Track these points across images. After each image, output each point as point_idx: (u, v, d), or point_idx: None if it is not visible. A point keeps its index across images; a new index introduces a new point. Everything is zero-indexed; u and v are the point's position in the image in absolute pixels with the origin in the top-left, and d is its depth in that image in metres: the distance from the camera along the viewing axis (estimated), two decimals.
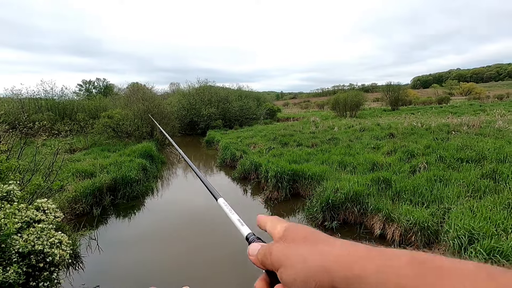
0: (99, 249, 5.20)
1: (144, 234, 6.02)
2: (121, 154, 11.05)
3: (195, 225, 6.40)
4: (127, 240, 5.77)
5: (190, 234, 5.91)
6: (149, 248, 5.40)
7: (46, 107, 20.12)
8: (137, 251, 5.28)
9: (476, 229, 3.70)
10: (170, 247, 5.40)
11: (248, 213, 6.94)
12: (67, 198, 6.33)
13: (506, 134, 9.56)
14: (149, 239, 5.76)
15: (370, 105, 46.71)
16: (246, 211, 7.10)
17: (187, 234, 5.91)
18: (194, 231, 6.07)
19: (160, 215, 6.98)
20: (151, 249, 5.33)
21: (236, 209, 0.69)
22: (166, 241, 5.67)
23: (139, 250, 5.34)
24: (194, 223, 6.49)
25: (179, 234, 5.92)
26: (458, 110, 28.29)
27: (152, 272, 4.56)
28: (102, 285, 4.24)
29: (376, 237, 5.07)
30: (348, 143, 10.93)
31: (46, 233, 2.74)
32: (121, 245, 5.52)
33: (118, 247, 5.44)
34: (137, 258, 5.01)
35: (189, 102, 25.07)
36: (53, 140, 7.74)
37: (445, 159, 7.43)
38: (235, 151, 11.55)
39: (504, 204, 4.53)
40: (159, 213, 7.10)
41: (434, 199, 5.28)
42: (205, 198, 8.39)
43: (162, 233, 6.04)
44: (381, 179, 6.33)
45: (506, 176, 5.73)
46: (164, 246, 5.43)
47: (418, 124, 14.24)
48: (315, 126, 17.64)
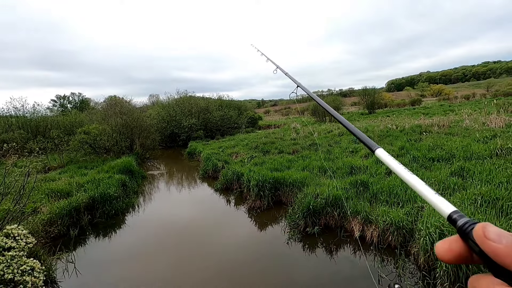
0: (77, 272, 5.00)
1: (125, 252, 5.85)
2: (99, 171, 10.73)
3: (179, 238, 6.29)
4: (107, 260, 5.59)
5: (174, 248, 5.80)
6: (131, 266, 5.25)
7: (17, 125, 19.24)
8: (119, 270, 5.12)
9: (445, 225, 3.91)
10: (154, 263, 5.28)
11: (232, 224, 6.93)
12: (41, 220, 6.05)
13: (472, 133, 10.16)
14: (131, 257, 5.60)
15: (348, 109, 48.11)
16: (231, 222, 7.08)
17: (171, 248, 5.80)
18: (178, 244, 5.97)
19: (141, 231, 6.82)
20: (133, 267, 5.19)
21: (219, 219, 0.69)
22: (150, 257, 5.54)
23: (120, 269, 5.19)
24: (177, 236, 6.38)
25: (163, 249, 5.80)
26: (430, 111, 29.70)
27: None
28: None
29: (355, 240, 5.21)
30: (327, 148, 11.20)
31: (17, 260, 2.63)
32: (101, 266, 5.33)
33: (98, 268, 5.25)
34: (119, 277, 4.86)
35: (169, 114, 24.79)
36: (25, 160, 7.42)
37: (418, 159, 7.79)
38: (217, 162, 11.52)
39: (471, 200, 4.80)
40: (140, 229, 6.93)
41: (408, 198, 5.52)
42: (188, 210, 8.29)
43: (145, 249, 5.89)
44: (358, 182, 6.54)
45: (473, 173, 6.09)
46: (148, 263, 5.30)
47: (393, 126, 14.83)
48: (296, 133, 17.93)
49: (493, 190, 4.84)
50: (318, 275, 4.50)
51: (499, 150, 7.16)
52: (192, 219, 7.57)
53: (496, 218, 4.10)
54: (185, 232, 6.70)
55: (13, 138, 15.63)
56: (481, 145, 7.95)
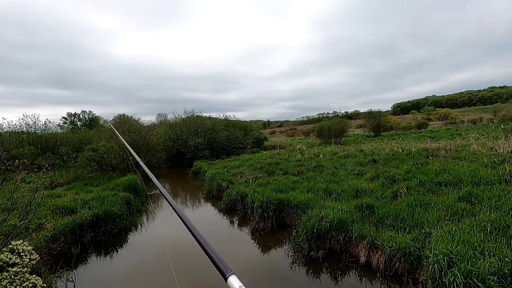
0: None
1: (125, 272, 5.76)
2: (104, 188, 10.79)
3: (180, 259, 6.19)
4: (107, 280, 5.50)
5: (174, 270, 5.69)
6: (131, 287, 5.15)
7: (27, 141, 19.68)
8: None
9: (454, 253, 3.81)
10: (153, 285, 5.18)
11: (235, 246, 6.81)
12: (45, 237, 6.05)
13: (480, 158, 10.04)
14: (131, 278, 5.51)
15: (354, 131, 48.18)
16: (233, 244, 6.96)
17: (172, 270, 5.69)
18: (179, 265, 5.86)
19: (143, 251, 6.73)
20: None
21: (222, 241, 0.71)
22: (149, 278, 5.44)
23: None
24: (179, 257, 6.28)
25: (163, 271, 5.70)
26: (436, 135, 29.59)
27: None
28: None
29: (361, 265, 5.06)
30: (333, 170, 11.14)
31: (20, 277, 2.64)
32: (100, 286, 5.24)
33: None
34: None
35: (175, 133, 25.13)
36: (33, 176, 7.54)
37: (425, 184, 7.68)
38: (222, 182, 11.51)
39: (480, 227, 4.69)
40: (142, 249, 6.85)
41: (415, 224, 5.40)
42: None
43: (145, 269, 5.79)
44: (364, 205, 6.44)
45: (481, 198, 5.97)
46: (147, 284, 5.20)
47: (399, 150, 14.76)
48: (301, 154, 17.92)
49: (503, 217, 4.73)
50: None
51: (508, 175, 7.04)
52: (194, 240, 7.46)
53: (507, 246, 3.98)
54: (187, 253, 6.58)
55: (23, 154, 15.94)
56: (489, 170, 7.83)
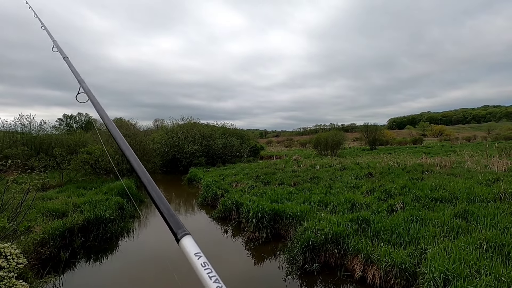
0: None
1: (115, 279, 5.61)
2: (97, 192, 10.63)
3: (174, 268, 6.05)
4: (96, 286, 5.34)
5: (165, 279, 5.56)
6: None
7: (21, 142, 19.43)
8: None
9: (450, 270, 3.77)
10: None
11: (228, 256, 6.69)
12: (34, 240, 5.89)
13: (474, 175, 10.12)
14: (121, 285, 5.36)
15: (350, 144, 48.41)
16: (226, 254, 6.84)
17: (162, 279, 5.55)
18: (169, 275, 5.72)
19: (133, 258, 6.58)
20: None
21: (216, 250, 0.63)
22: (140, 287, 5.30)
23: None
24: (173, 266, 6.14)
25: (153, 280, 5.56)
26: (431, 151, 29.84)
27: None
28: None
29: (356, 280, 4.99)
30: (329, 182, 11.12)
31: (6, 282, 2.54)
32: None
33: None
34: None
35: (172, 139, 25.05)
36: (25, 177, 7.41)
37: (421, 199, 7.68)
38: (217, 190, 11.41)
39: (476, 244, 4.67)
40: (133, 256, 6.70)
41: (411, 239, 5.36)
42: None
43: (135, 278, 5.65)
44: (360, 219, 6.40)
45: (477, 216, 5.97)
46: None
47: (395, 164, 14.83)
48: (297, 165, 17.92)
49: (499, 236, 4.72)
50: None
51: (503, 194, 7.08)
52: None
53: (503, 265, 3.96)
54: (178, 261, 6.45)
55: (16, 154, 15.71)
56: (484, 188, 7.87)
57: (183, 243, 0.56)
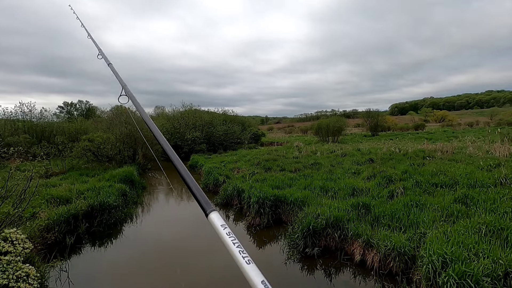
0: (69, 282, 4.90)
1: (120, 263, 5.75)
2: (100, 179, 10.73)
3: (173, 253, 6.18)
4: (102, 270, 5.48)
5: (171, 265, 5.69)
6: (126, 280, 5.14)
7: (23, 129, 19.48)
8: (112, 284, 5.01)
9: (448, 253, 3.83)
10: (146, 278, 5.17)
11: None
12: (39, 226, 6.00)
13: (475, 160, 10.11)
14: (125, 269, 5.50)
15: (351, 130, 48.24)
16: None
17: (165, 265, 5.69)
18: (172, 260, 5.86)
19: (137, 244, 6.72)
20: (126, 281, 5.08)
21: (218, 237, 0.67)
22: (143, 271, 5.43)
23: (114, 282, 5.07)
24: (172, 251, 6.27)
25: (156, 265, 5.69)
26: (433, 137, 29.74)
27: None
28: None
29: (356, 264, 5.09)
30: (330, 168, 11.16)
31: (13, 266, 2.60)
32: (94, 277, 5.22)
33: (91, 279, 5.15)
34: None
35: (173, 126, 25.01)
36: (28, 164, 7.46)
37: (421, 184, 7.72)
38: (218, 176, 11.49)
39: (475, 229, 4.72)
40: (136, 242, 6.83)
41: (411, 224, 5.42)
42: (186, 224, 8.18)
43: (139, 263, 5.78)
44: (360, 204, 6.46)
45: (477, 201, 6.01)
46: (139, 277, 5.19)
47: (396, 150, 14.82)
48: (298, 151, 17.93)
49: (498, 220, 4.76)
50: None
51: (504, 179, 7.09)
52: (189, 233, 7.46)
53: (501, 249, 4.01)
54: (181, 246, 6.59)
55: (18, 142, 15.77)
56: (485, 173, 7.89)
57: (211, 217, 0.68)
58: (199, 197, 0.75)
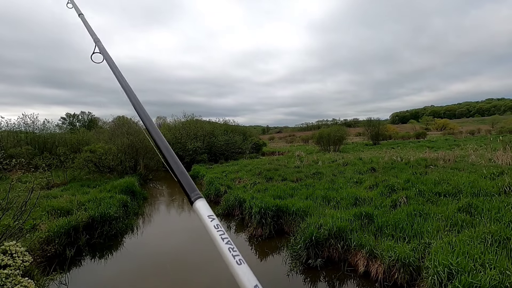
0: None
1: (121, 276, 5.66)
2: (101, 190, 10.70)
3: (175, 264, 6.10)
4: (101, 284, 5.40)
5: (171, 279, 5.60)
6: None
7: (25, 141, 19.58)
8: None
9: (454, 264, 3.76)
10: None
11: None
12: (39, 238, 5.95)
13: (478, 169, 10.04)
14: (126, 282, 5.41)
15: (352, 139, 48.21)
16: None
17: (168, 279, 5.60)
18: (173, 271, 5.77)
19: (138, 255, 6.63)
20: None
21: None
22: (143, 285, 5.34)
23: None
24: (173, 263, 6.19)
25: (157, 277, 5.60)
26: (435, 145, 29.66)
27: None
28: None
29: (360, 275, 5.00)
30: (331, 178, 11.10)
31: (12, 279, 2.57)
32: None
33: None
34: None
35: (174, 136, 25.08)
36: (29, 175, 7.47)
37: (424, 193, 7.65)
38: (220, 186, 11.44)
39: (480, 238, 4.64)
40: (137, 254, 6.75)
41: (415, 233, 5.35)
42: (187, 235, 8.10)
43: (140, 275, 5.70)
44: (363, 214, 6.39)
45: (481, 210, 5.93)
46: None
47: (398, 159, 14.76)
48: (300, 161, 17.89)
49: (503, 229, 4.69)
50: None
51: (508, 187, 7.02)
52: (190, 244, 7.38)
53: (508, 259, 3.93)
54: (181, 258, 6.51)
55: (20, 153, 15.83)
56: (489, 182, 7.82)
57: (197, 206, 0.61)
58: (183, 181, 0.68)
